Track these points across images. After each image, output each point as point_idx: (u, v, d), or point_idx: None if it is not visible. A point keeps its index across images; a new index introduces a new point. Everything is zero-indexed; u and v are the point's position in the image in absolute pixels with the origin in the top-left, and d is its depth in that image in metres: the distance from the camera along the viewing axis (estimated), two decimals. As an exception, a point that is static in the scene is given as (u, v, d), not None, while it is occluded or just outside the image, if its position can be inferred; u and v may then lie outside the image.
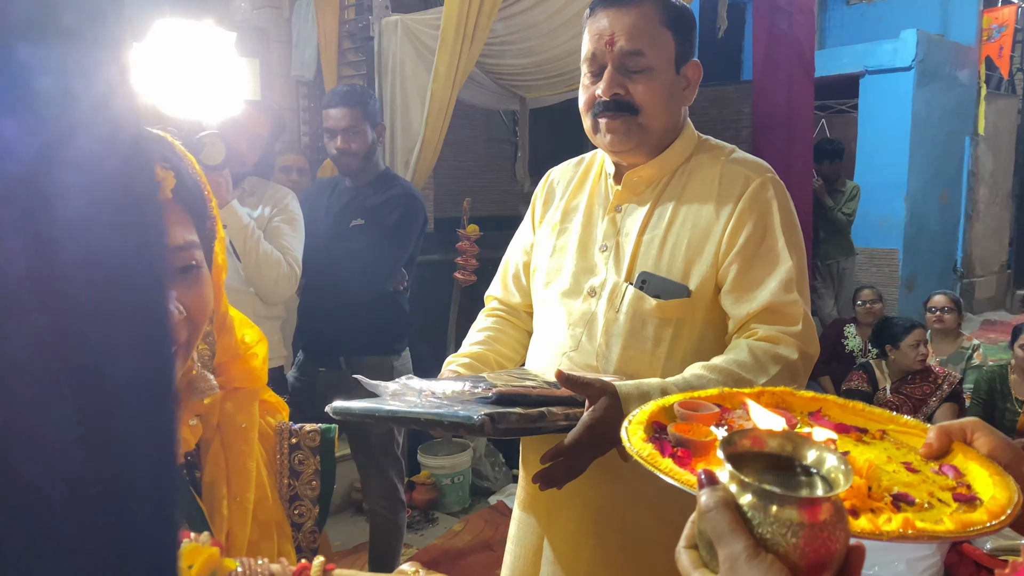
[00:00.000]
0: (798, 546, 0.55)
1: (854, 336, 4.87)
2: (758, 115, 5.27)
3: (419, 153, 3.75)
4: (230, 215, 2.26)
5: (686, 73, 1.45)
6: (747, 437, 0.62)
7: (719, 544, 0.56)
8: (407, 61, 3.87)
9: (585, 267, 1.49)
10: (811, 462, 0.61)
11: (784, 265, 1.35)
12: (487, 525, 3.69)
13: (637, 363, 1.40)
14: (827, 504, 0.56)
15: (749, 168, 1.43)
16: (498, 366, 1.63)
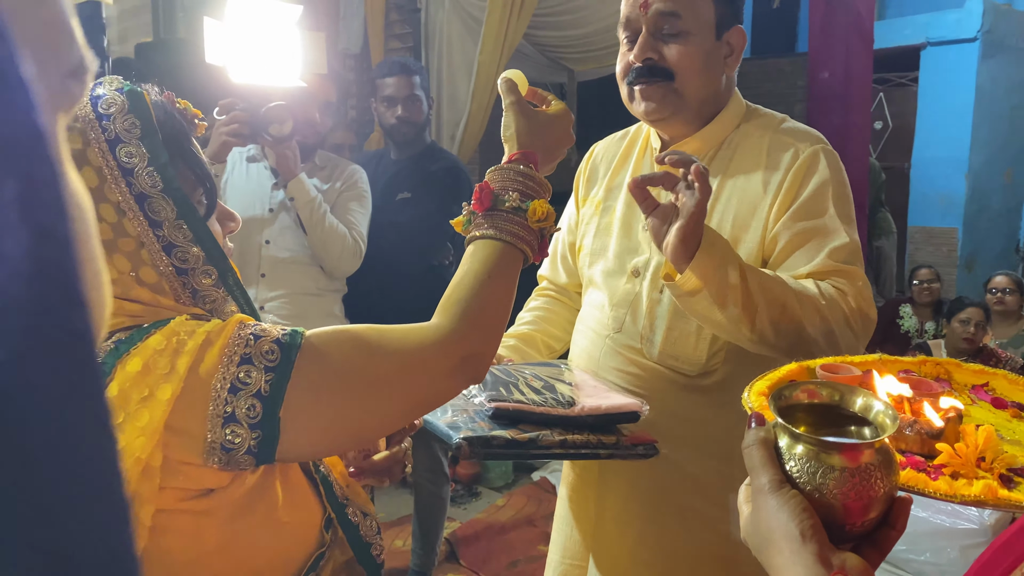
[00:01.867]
0: (827, 487, 0.58)
1: (910, 316, 4.74)
2: (814, 89, 5.12)
3: (465, 126, 3.73)
4: (297, 187, 2.27)
5: (728, 40, 1.38)
6: (802, 390, 0.66)
7: (751, 476, 0.62)
8: (454, 33, 3.83)
9: (629, 246, 1.45)
10: (858, 409, 0.65)
11: (837, 234, 1.28)
12: (530, 500, 3.69)
13: (682, 345, 1.36)
14: (867, 451, 0.59)
15: (799, 138, 1.36)
16: (544, 346, 1.62)
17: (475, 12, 3.77)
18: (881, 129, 8.20)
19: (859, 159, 5.03)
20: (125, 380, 0.71)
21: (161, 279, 0.81)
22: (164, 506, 0.73)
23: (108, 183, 0.78)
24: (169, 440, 0.72)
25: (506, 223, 0.93)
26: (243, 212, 2.31)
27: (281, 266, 2.33)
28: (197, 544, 0.76)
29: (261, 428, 0.75)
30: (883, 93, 8.14)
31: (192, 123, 0.91)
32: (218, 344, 0.75)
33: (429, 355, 0.83)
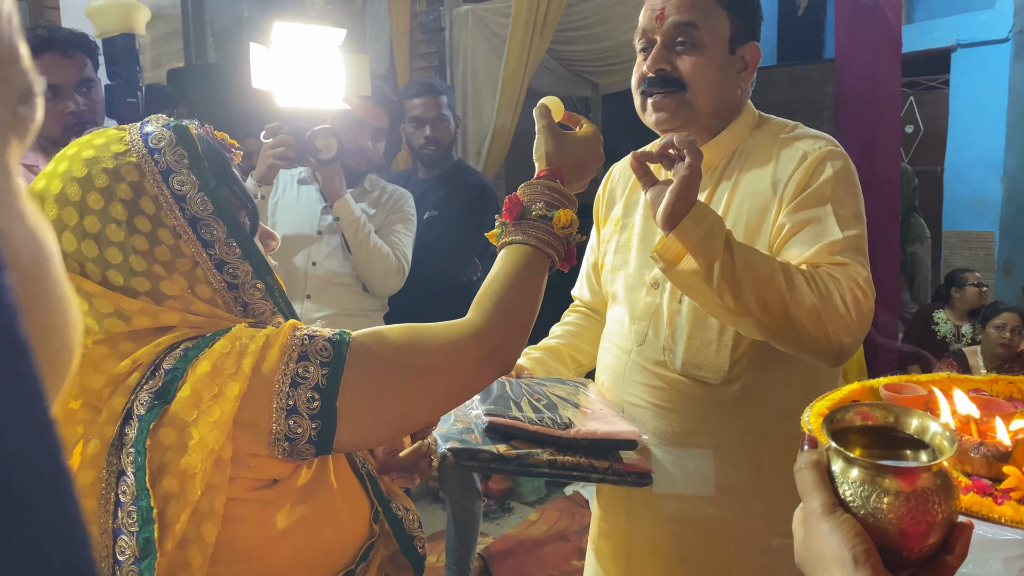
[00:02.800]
0: (881, 511, 0.56)
1: (945, 322, 4.65)
2: (841, 95, 5.07)
3: (491, 143, 3.75)
4: (343, 207, 2.31)
5: (743, 55, 1.39)
6: (856, 412, 0.65)
7: (803, 500, 0.61)
8: (478, 51, 3.87)
9: (647, 260, 1.45)
10: (913, 431, 0.63)
11: (831, 229, 1.26)
12: (563, 515, 3.68)
13: (703, 354, 1.36)
14: (924, 475, 0.57)
15: (807, 143, 1.36)
16: (571, 360, 1.64)
17: (498, 30, 3.81)
18: (913, 133, 8.09)
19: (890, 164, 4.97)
20: (196, 381, 0.78)
21: (215, 294, 0.87)
22: (234, 495, 0.80)
23: (164, 209, 0.85)
24: (238, 434, 0.79)
25: (533, 230, 1.01)
26: (292, 233, 2.36)
27: (326, 287, 2.36)
28: (264, 531, 0.83)
29: (320, 419, 0.82)
30: (913, 97, 8.03)
31: (230, 151, 0.97)
32: (277, 345, 0.82)
33: (464, 347, 0.91)
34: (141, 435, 0.77)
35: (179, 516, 0.76)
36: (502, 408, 1.22)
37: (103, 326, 0.81)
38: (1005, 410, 0.84)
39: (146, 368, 0.80)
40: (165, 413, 0.78)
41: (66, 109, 2.09)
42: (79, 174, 0.83)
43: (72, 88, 2.10)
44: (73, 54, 2.11)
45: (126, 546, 0.77)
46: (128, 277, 0.83)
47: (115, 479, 0.78)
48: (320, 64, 2.02)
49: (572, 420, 1.23)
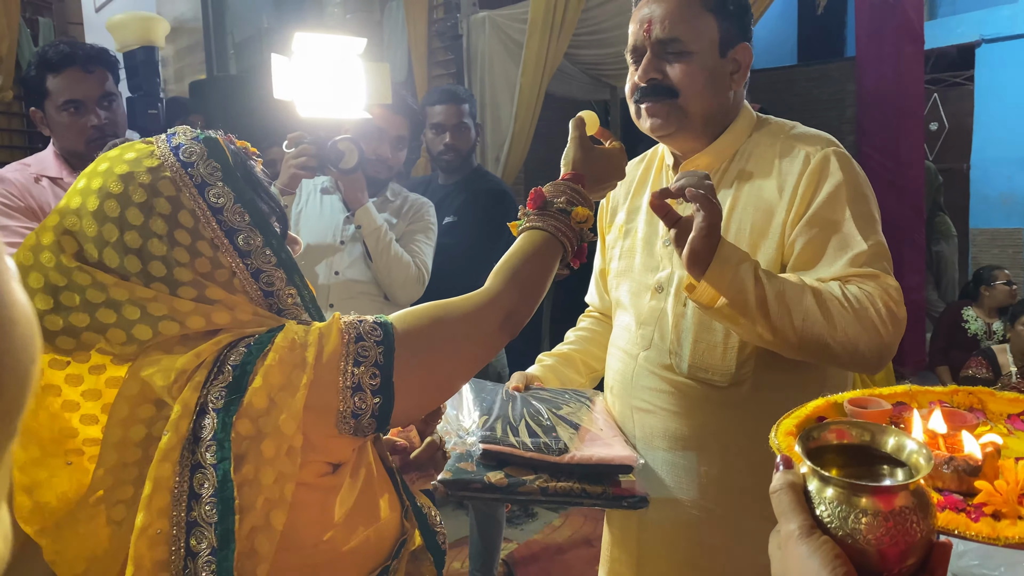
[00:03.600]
0: (860, 532, 0.55)
1: (975, 319, 4.58)
2: (863, 93, 5.02)
3: (509, 148, 3.76)
4: (364, 216, 2.32)
5: (735, 57, 1.39)
6: (830, 430, 0.64)
7: (780, 522, 0.60)
8: (495, 57, 3.87)
9: (651, 264, 1.46)
10: (890, 449, 0.62)
11: (854, 239, 1.26)
12: (587, 520, 3.67)
13: (709, 357, 1.36)
14: (901, 493, 0.56)
15: (809, 143, 1.35)
16: (584, 366, 1.66)
17: (515, 35, 3.81)
18: (937, 130, 7.98)
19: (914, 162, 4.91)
20: (266, 372, 0.82)
21: (252, 303, 0.90)
22: (303, 479, 0.85)
23: (201, 222, 0.88)
24: (308, 419, 0.84)
25: (552, 219, 1.10)
26: (315, 242, 2.37)
27: (349, 296, 2.37)
28: (322, 520, 0.88)
29: (381, 393, 0.88)
30: (937, 94, 7.94)
31: (252, 159, 1.00)
32: (334, 330, 0.88)
33: (484, 313, 0.99)
34: (224, 428, 0.80)
35: (254, 503, 0.79)
36: (499, 433, 1.23)
37: (157, 329, 0.83)
38: (968, 422, 0.83)
39: (211, 365, 0.83)
40: (240, 405, 0.81)
41: (88, 123, 2.12)
42: (116, 190, 0.85)
43: (94, 102, 2.13)
44: (94, 69, 2.14)
45: (203, 537, 0.78)
46: (173, 288, 0.85)
47: (189, 473, 0.80)
48: (341, 73, 2.03)
49: (568, 444, 1.24)
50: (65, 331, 0.81)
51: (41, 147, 2.26)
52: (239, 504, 0.78)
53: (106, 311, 0.82)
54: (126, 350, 0.83)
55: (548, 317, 3.92)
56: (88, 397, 0.83)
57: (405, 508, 1.01)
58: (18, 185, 2.09)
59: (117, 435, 0.81)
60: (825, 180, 1.30)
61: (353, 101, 2.08)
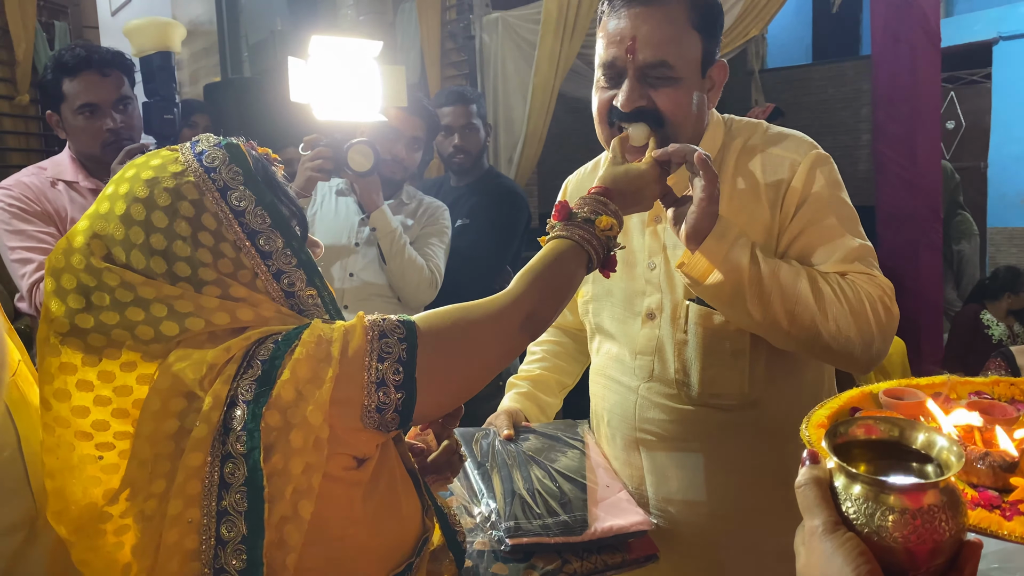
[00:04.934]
0: (887, 529, 0.54)
1: (996, 324, 4.51)
2: (879, 92, 4.98)
3: (522, 149, 3.75)
4: (380, 218, 2.32)
5: (711, 75, 1.32)
6: (858, 425, 0.63)
7: (805, 517, 0.59)
8: (508, 58, 3.87)
9: (636, 288, 1.40)
10: (919, 445, 0.61)
11: (844, 238, 1.24)
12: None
13: (721, 382, 1.32)
14: (930, 491, 0.55)
15: (791, 150, 1.32)
16: (558, 386, 1.64)
17: (528, 35, 3.81)
18: (954, 129, 7.91)
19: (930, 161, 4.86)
20: (295, 366, 0.84)
21: (274, 302, 0.93)
22: (330, 472, 0.86)
23: (224, 225, 0.91)
24: (334, 412, 0.85)
25: (576, 229, 1.10)
26: (330, 244, 2.37)
27: (363, 298, 2.37)
28: (349, 513, 0.90)
29: (404, 389, 0.89)
30: (954, 92, 7.86)
31: (273, 164, 1.03)
32: (359, 328, 0.90)
33: (506, 314, 1.00)
34: (254, 418, 0.82)
35: (283, 492, 0.82)
36: (520, 517, 1.25)
37: (184, 325, 0.86)
38: (1008, 414, 0.82)
39: (240, 359, 0.85)
40: (269, 397, 0.83)
41: (104, 127, 2.13)
42: (142, 194, 0.88)
43: (110, 106, 2.14)
44: (110, 72, 2.15)
45: (233, 526, 0.81)
46: (198, 287, 0.88)
47: (220, 463, 0.82)
48: (358, 76, 2.04)
49: (586, 518, 1.27)
50: (96, 329, 0.85)
51: (57, 150, 2.27)
52: (268, 493, 0.81)
53: (134, 309, 0.85)
54: (154, 347, 0.85)
55: (562, 318, 3.92)
56: (119, 393, 0.86)
57: (427, 507, 1.03)
58: (34, 189, 2.10)
59: (149, 428, 0.84)
60: (811, 186, 1.28)
61: (369, 104, 2.09)
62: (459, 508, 1.29)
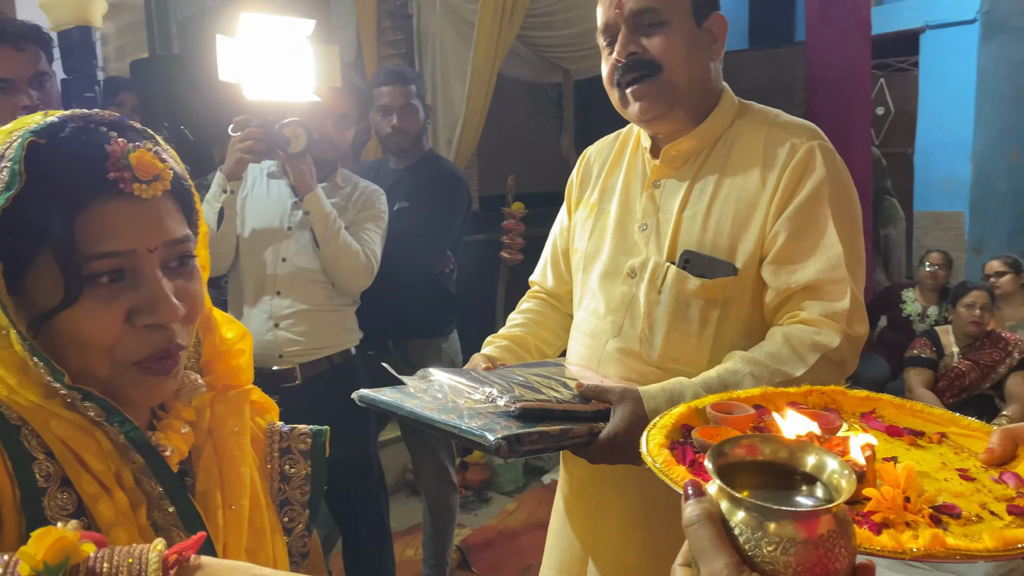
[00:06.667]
0: (790, 564, 0.49)
1: (912, 301, 4.69)
2: (813, 78, 5.08)
3: (461, 131, 3.71)
4: (313, 202, 2.26)
5: (710, 28, 1.35)
6: (741, 446, 0.56)
7: (701, 561, 0.52)
8: (447, 38, 3.82)
9: (624, 247, 1.43)
10: (810, 468, 0.55)
11: (831, 239, 1.27)
12: (541, 504, 3.68)
13: (682, 347, 1.34)
14: (825, 517, 0.50)
15: (795, 134, 1.33)
16: (537, 350, 1.61)
17: (467, 16, 3.76)
18: (883, 115, 8.13)
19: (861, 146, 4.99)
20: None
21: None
22: None
23: None
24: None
25: None
26: (262, 228, 2.31)
27: (297, 283, 2.31)
28: None
29: None
30: (884, 79, 8.08)
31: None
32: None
33: None
34: None
35: None
36: (524, 393, 1.22)
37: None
38: (831, 423, 0.79)
39: None
40: None
41: (19, 103, 2.02)
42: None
43: (25, 82, 2.03)
44: (26, 47, 2.04)
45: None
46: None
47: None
48: (289, 55, 1.98)
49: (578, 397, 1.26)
50: None
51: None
52: None
53: None
54: None
55: (503, 301, 3.90)
56: None
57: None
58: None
59: None
60: (809, 175, 1.29)
61: (301, 84, 2.03)
62: (441, 399, 1.22)
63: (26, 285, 0.72)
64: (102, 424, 0.74)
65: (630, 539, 1.40)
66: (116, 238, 0.73)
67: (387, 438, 3.63)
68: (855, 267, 1.28)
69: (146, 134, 0.80)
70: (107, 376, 0.75)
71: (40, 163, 0.72)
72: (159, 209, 0.77)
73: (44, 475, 0.71)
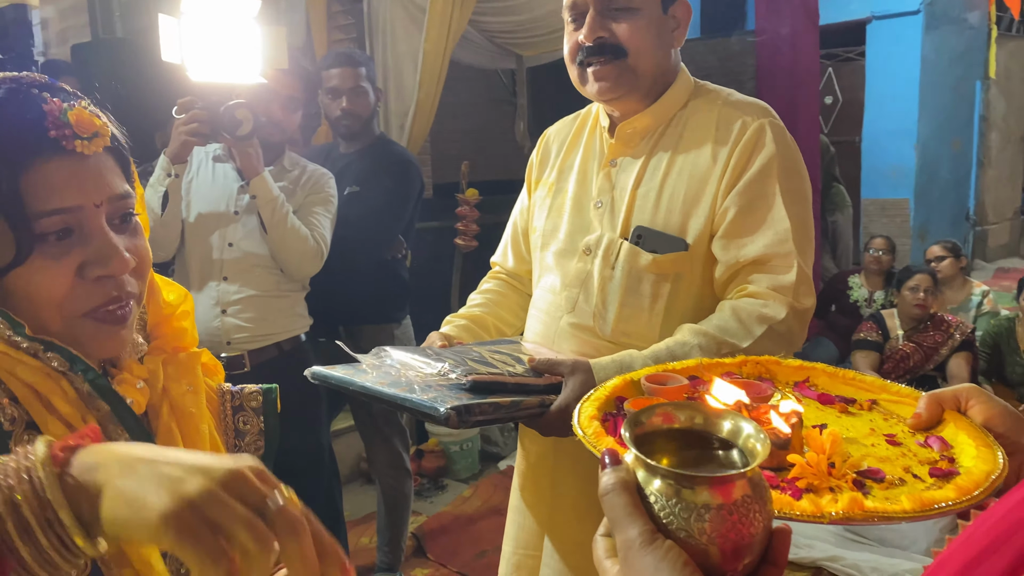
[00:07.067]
0: (704, 531, 0.49)
1: (859, 287, 4.81)
2: (762, 66, 5.15)
3: (413, 117, 3.68)
4: (260, 186, 2.21)
5: (674, 13, 1.38)
6: (657, 414, 0.56)
7: (615, 530, 0.52)
8: (398, 22, 3.77)
9: (580, 225, 1.44)
10: (727, 434, 0.55)
11: (779, 214, 1.29)
12: (497, 490, 3.69)
13: (635, 322, 1.36)
14: (739, 482, 0.50)
15: (746, 111, 1.36)
16: (496, 330, 1.61)
17: (418, 0, 3.72)
18: (832, 104, 8.28)
19: (810, 134, 5.07)
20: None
21: None
22: None
23: None
24: None
25: None
26: (208, 212, 2.25)
27: (244, 268, 2.27)
28: None
29: None
30: (832, 68, 8.22)
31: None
32: None
33: None
34: None
35: None
36: (476, 367, 1.22)
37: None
38: (763, 392, 0.81)
39: None
40: None
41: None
42: None
43: (-45, 61, 1.96)
44: (-45, 25, 1.97)
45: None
46: None
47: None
48: (234, 36, 1.94)
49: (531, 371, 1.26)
50: None
51: None
52: None
53: None
54: None
55: (457, 287, 3.89)
56: None
57: None
58: None
59: None
60: (759, 151, 1.31)
61: (247, 66, 1.99)
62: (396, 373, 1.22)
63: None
64: (66, 374, 0.75)
65: (586, 514, 1.41)
66: (62, 195, 0.74)
67: (341, 427, 3.59)
68: (803, 242, 1.30)
69: (77, 95, 0.80)
70: (59, 330, 0.76)
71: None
72: (100, 165, 0.78)
73: (9, 419, 0.71)
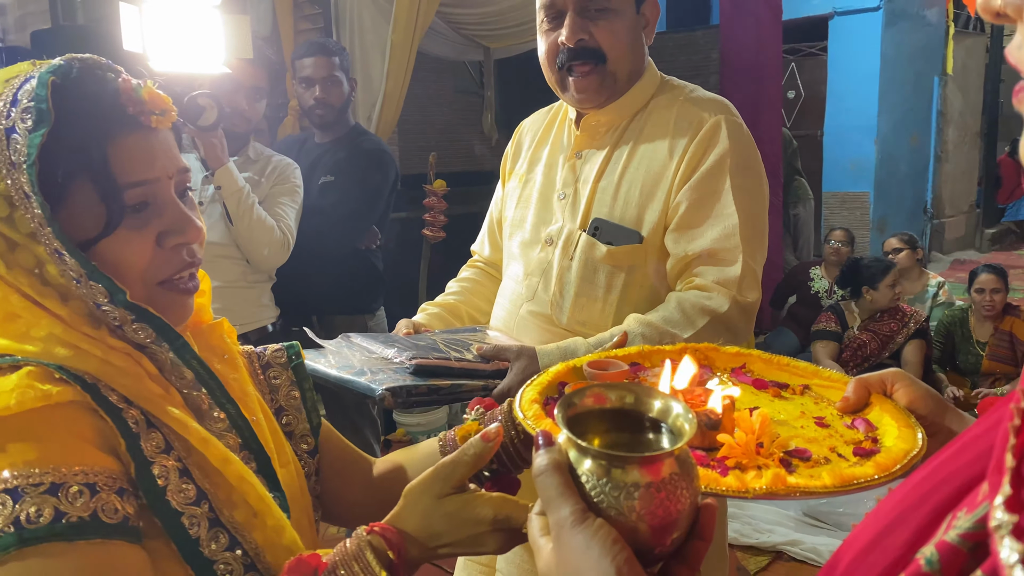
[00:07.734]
0: (633, 508, 0.50)
1: (820, 278, 4.90)
2: (726, 60, 5.22)
3: (381, 108, 3.68)
4: (225, 176, 2.20)
5: (645, 12, 1.41)
6: (589, 395, 0.58)
7: (548, 509, 0.53)
8: (365, 13, 3.77)
9: (545, 216, 1.48)
10: (656, 413, 0.57)
11: (728, 208, 1.32)
12: (465, 479, 3.70)
13: (589, 311, 1.40)
14: (667, 460, 0.52)
15: (704, 107, 1.39)
16: (469, 318, 1.64)
17: (386, -9, 3.72)
18: (794, 98, 8.41)
19: (772, 128, 5.16)
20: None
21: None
22: None
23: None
24: None
25: None
26: None
27: (209, 260, 2.25)
28: None
29: None
30: (795, 63, 8.34)
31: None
32: None
33: None
34: None
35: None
36: (422, 353, 1.25)
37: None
38: (701, 379, 0.84)
39: None
40: None
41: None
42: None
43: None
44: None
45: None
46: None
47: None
48: (197, 25, 1.93)
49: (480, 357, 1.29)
50: None
51: None
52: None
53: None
54: None
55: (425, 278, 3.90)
56: None
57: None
58: None
59: None
60: (713, 147, 1.34)
61: (210, 55, 1.99)
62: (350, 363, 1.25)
63: (61, 220, 0.73)
64: (147, 347, 0.78)
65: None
66: (143, 168, 0.77)
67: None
68: (751, 237, 1.33)
69: (138, 73, 0.83)
70: (143, 299, 0.77)
71: (64, 101, 0.73)
72: (169, 139, 0.82)
73: (133, 421, 0.73)
